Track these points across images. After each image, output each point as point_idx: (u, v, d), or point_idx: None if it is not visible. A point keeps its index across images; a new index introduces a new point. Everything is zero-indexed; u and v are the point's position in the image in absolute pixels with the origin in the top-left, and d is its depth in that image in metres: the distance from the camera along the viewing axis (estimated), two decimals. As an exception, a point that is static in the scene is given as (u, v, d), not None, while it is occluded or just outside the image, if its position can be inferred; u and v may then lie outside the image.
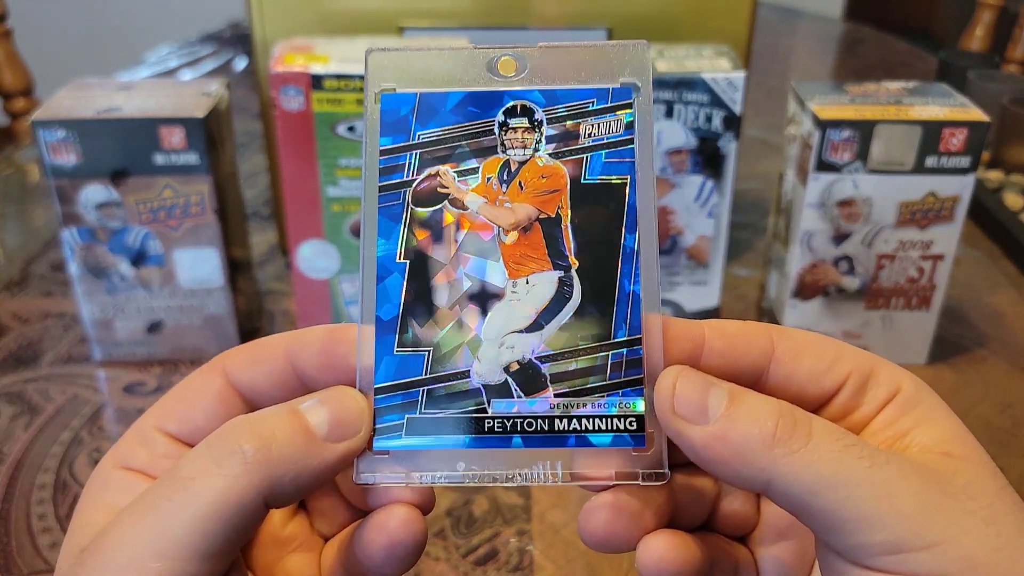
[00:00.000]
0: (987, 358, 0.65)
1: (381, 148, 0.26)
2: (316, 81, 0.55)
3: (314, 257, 0.60)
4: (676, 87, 0.58)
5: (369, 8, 0.66)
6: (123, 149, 0.55)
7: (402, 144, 0.26)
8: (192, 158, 0.56)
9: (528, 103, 0.26)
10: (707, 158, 0.60)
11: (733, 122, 0.59)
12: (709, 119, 0.59)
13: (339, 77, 0.55)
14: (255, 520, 0.23)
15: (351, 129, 0.56)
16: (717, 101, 0.58)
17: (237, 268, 0.62)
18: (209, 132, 0.56)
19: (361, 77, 0.55)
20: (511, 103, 0.26)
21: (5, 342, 0.65)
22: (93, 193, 0.57)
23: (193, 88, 0.60)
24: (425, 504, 0.26)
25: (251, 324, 0.66)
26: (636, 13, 0.67)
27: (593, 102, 0.26)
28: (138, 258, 0.59)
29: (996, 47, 1.23)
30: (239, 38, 1.33)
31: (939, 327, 0.62)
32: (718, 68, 0.58)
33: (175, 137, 0.55)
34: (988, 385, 0.62)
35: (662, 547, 0.25)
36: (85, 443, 0.55)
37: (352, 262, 0.60)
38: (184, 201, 0.57)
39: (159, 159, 0.56)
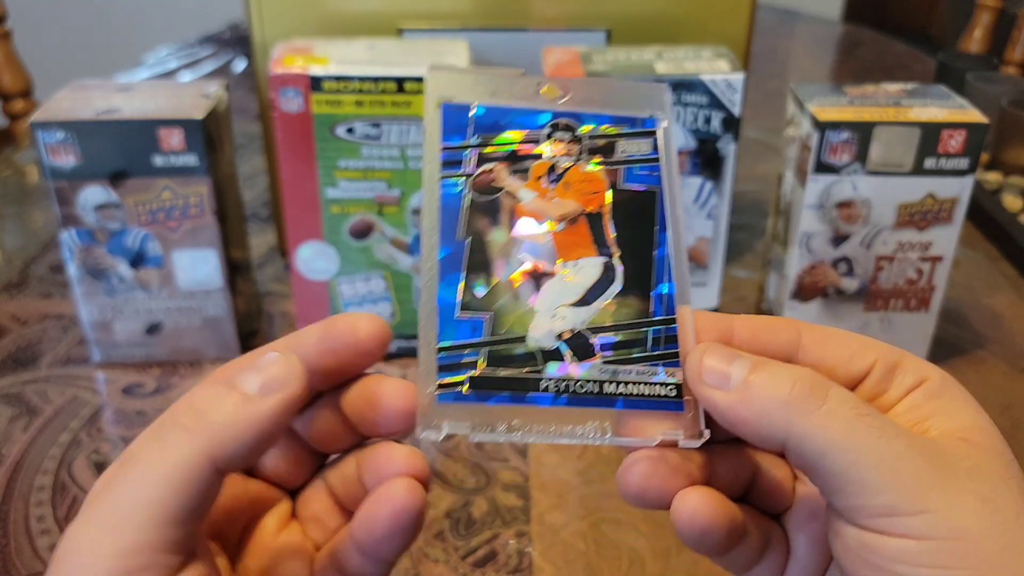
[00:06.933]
0: (986, 359, 0.65)
1: (443, 146, 0.29)
2: (315, 83, 0.55)
3: (313, 259, 0.60)
4: (675, 89, 0.58)
5: (368, 10, 0.66)
6: (122, 151, 0.55)
7: (460, 143, 0.30)
8: (191, 160, 0.56)
9: (571, 121, 0.30)
10: (706, 160, 0.60)
11: (732, 124, 0.59)
12: (708, 121, 0.59)
13: (338, 79, 0.55)
14: (209, 485, 0.24)
15: (350, 131, 0.56)
16: (716, 103, 0.58)
17: (236, 270, 0.62)
18: (208, 134, 0.56)
19: (360, 79, 0.55)
20: (556, 119, 0.30)
21: (4, 343, 0.65)
22: (92, 195, 0.57)
23: (192, 90, 0.60)
24: (423, 478, 0.27)
25: (250, 326, 0.66)
26: (635, 15, 0.67)
27: (625, 127, 0.31)
28: (137, 260, 0.59)
29: (995, 49, 1.23)
30: (238, 40, 1.33)
31: (938, 329, 0.62)
32: (717, 70, 0.58)
33: (174, 139, 0.55)
34: (987, 387, 0.62)
35: (697, 500, 0.26)
36: (84, 445, 0.55)
37: (351, 264, 0.61)
38: (183, 203, 0.57)
39: (158, 161, 0.56)
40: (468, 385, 0.27)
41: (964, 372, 0.63)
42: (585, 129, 0.30)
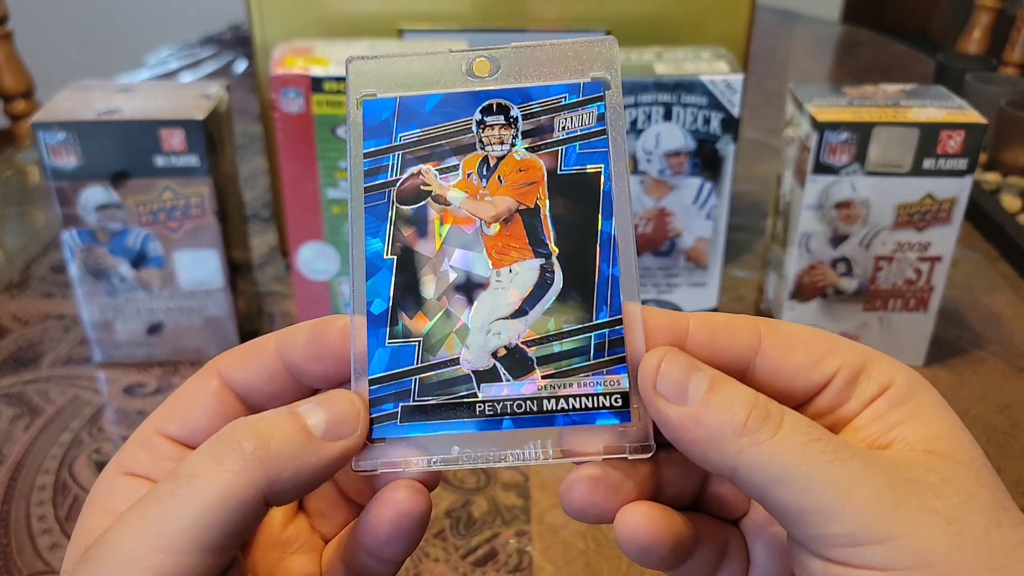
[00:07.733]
0: (984, 359, 0.65)
1: (365, 152, 0.27)
2: (316, 83, 0.55)
3: (314, 259, 0.61)
4: (675, 89, 0.58)
5: (369, 11, 0.66)
6: (123, 151, 0.56)
7: (385, 147, 0.27)
8: (192, 160, 0.56)
9: (503, 101, 0.27)
10: (705, 160, 0.60)
11: (731, 124, 0.59)
12: (707, 121, 0.59)
13: (339, 80, 0.55)
14: (255, 517, 0.24)
15: (351, 131, 0.57)
16: (715, 103, 0.58)
17: (237, 270, 0.62)
18: (209, 134, 0.56)
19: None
20: (487, 102, 0.27)
21: (5, 343, 0.66)
22: (93, 195, 0.57)
23: (193, 90, 0.60)
24: (429, 482, 0.26)
25: (251, 326, 0.66)
26: (635, 15, 0.67)
27: (565, 97, 0.27)
28: (138, 260, 0.59)
29: (993, 49, 1.23)
30: (239, 40, 1.33)
31: (936, 329, 0.62)
32: (716, 71, 0.58)
33: (175, 139, 0.56)
34: (985, 386, 0.62)
35: (638, 516, 0.25)
36: (85, 444, 0.56)
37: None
38: (184, 203, 0.58)
39: (159, 161, 0.56)
40: (401, 416, 0.26)
41: (963, 372, 0.63)
42: (520, 108, 0.27)
